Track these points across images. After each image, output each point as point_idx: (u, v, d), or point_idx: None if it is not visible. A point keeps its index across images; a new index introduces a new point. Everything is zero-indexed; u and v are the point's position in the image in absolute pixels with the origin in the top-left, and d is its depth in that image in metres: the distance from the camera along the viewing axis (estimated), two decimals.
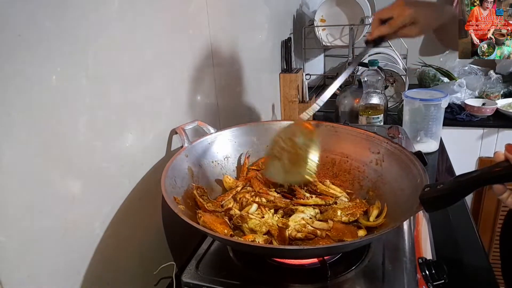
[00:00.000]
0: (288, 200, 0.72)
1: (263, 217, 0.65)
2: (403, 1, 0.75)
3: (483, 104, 1.67)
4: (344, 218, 0.66)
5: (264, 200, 0.70)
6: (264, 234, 0.63)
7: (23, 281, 0.49)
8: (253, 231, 0.63)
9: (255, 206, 0.68)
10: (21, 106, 0.46)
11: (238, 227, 0.65)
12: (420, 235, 0.71)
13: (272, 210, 0.69)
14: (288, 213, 0.69)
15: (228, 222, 0.66)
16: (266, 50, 1.40)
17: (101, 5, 0.57)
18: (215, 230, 0.60)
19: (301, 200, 0.71)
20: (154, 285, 0.70)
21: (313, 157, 0.68)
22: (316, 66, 2.15)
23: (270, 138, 0.86)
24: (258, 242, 0.60)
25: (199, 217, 0.63)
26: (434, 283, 0.58)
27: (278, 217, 0.67)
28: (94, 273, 0.60)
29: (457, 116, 1.66)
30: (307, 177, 0.69)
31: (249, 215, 0.65)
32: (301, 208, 0.69)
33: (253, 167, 0.83)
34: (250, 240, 0.60)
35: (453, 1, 0.80)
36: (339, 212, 0.66)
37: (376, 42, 0.78)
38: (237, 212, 0.68)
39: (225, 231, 0.61)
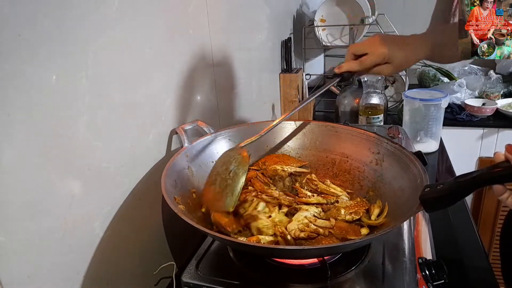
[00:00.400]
0: (291, 198, 0.72)
1: (270, 216, 0.65)
2: (380, 38, 0.73)
3: (483, 104, 1.67)
4: (348, 217, 0.66)
5: (266, 197, 0.70)
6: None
7: (23, 281, 0.49)
8: (260, 231, 0.63)
9: (262, 204, 0.68)
10: (21, 106, 0.46)
11: (247, 225, 0.65)
12: (420, 235, 0.71)
13: (277, 208, 0.68)
14: (292, 212, 0.69)
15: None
16: (266, 50, 1.40)
17: (101, 5, 0.57)
18: (224, 225, 0.60)
19: (304, 198, 0.71)
20: (154, 285, 0.70)
21: (237, 188, 0.63)
22: (316, 66, 2.15)
23: (269, 138, 0.86)
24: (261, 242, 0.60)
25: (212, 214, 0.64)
26: (434, 283, 0.58)
27: (283, 214, 0.67)
28: (94, 273, 0.60)
29: (457, 116, 1.66)
30: (226, 207, 0.63)
31: (258, 215, 0.65)
32: (304, 207, 0.68)
33: (253, 167, 0.83)
34: (253, 241, 0.60)
35: (451, 6, 0.79)
36: (342, 211, 0.66)
37: (344, 76, 0.77)
38: (247, 209, 0.68)
39: (234, 226, 0.61)
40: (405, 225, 0.68)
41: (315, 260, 0.60)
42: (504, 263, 0.81)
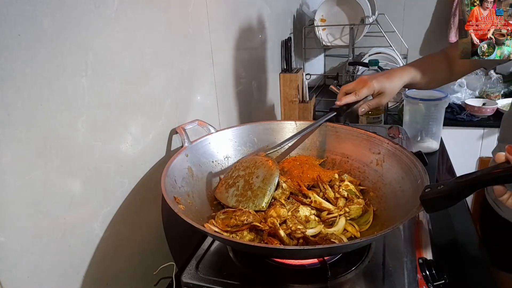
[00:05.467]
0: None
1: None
2: (367, 76, 0.84)
3: (484, 104, 1.67)
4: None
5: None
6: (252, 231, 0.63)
7: (23, 281, 0.49)
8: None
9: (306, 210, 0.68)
10: (21, 106, 0.46)
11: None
12: (421, 235, 0.71)
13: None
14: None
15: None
16: (266, 49, 1.40)
17: (101, 5, 0.57)
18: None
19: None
20: (154, 285, 0.70)
21: (271, 191, 0.69)
22: (316, 66, 2.15)
23: (270, 138, 0.86)
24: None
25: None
26: (435, 283, 0.58)
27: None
28: (94, 273, 0.60)
29: (457, 116, 1.66)
30: (258, 206, 0.68)
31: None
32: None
33: None
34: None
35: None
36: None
37: (341, 109, 0.83)
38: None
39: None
40: (406, 225, 0.68)
41: (315, 260, 0.60)
42: (488, 248, 0.83)
